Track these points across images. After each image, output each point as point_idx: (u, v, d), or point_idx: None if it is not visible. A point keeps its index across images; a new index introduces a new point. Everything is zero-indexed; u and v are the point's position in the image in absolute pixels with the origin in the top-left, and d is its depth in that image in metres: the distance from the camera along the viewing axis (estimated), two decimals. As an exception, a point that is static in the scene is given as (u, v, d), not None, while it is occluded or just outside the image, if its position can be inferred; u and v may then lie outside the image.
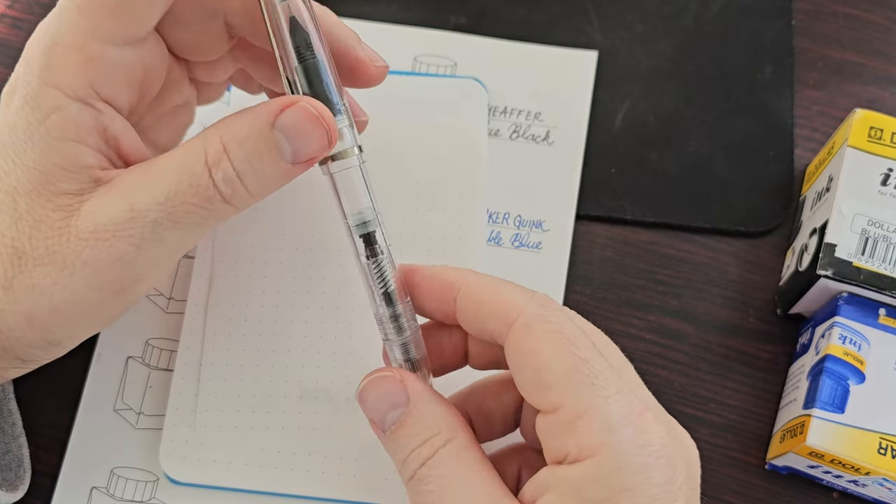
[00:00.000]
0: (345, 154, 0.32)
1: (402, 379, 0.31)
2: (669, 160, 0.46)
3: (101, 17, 0.31)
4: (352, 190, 0.32)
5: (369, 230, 0.32)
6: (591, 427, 0.28)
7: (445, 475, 0.30)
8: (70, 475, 0.39)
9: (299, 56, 0.31)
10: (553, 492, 0.28)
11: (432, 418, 0.31)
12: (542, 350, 0.29)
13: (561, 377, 0.28)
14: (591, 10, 0.49)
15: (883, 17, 0.49)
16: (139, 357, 0.41)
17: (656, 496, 0.27)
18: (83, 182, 0.31)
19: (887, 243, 0.38)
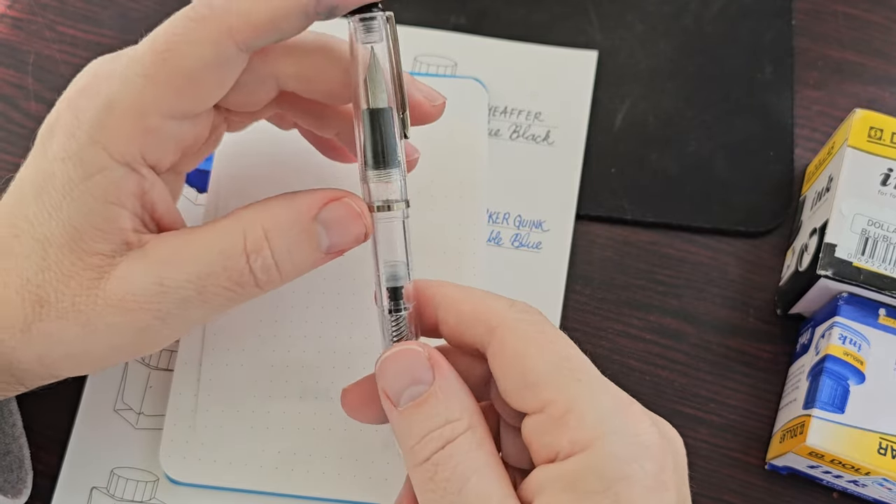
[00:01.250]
0: (393, 206, 0.32)
1: (430, 356, 0.30)
2: (669, 160, 0.46)
3: (166, 92, 0.31)
4: (391, 242, 0.32)
5: (398, 285, 0.32)
6: (583, 420, 0.28)
7: (465, 463, 0.28)
8: (70, 475, 0.39)
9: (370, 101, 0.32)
10: (548, 491, 0.28)
11: (457, 402, 0.29)
12: (526, 351, 0.29)
13: (547, 374, 0.28)
14: (591, 10, 0.49)
15: (883, 16, 0.49)
16: (139, 357, 0.41)
17: (650, 485, 0.27)
18: (116, 244, 0.31)
19: (887, 243, 0.38)
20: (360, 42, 0.32)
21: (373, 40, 0.32)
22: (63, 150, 0.31)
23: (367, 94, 0.31)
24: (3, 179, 0.34)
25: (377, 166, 0.32)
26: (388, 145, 0.32)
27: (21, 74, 0.47)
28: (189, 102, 0.31)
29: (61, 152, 0.31)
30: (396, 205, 0.32)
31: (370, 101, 0.31)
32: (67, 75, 0.46)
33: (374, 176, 0.32)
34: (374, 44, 0.31)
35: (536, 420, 0.29)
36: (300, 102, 0.36)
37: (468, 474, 0.28)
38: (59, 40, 0.47)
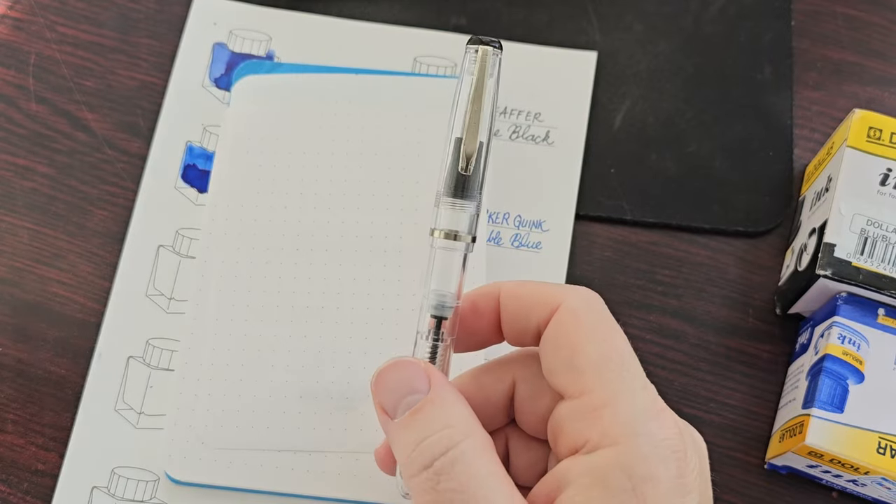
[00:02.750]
0: (457, 237, 0.31)
1: (425, 368, 0.30)
2: (669, 160, 0.46)
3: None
4: (447, 272, 0.32)
5: (444, 315, 0.31)
6: (617, 416, 0.28)
7: (469, 473, 0.28)
8: (71, 475, 0.39)
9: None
10: (575, 485, 0.28)
11: (454, 409, 0.29)
12: (580, 335, 0.29)
13: (594, 363, 0.29)
14: (591, 11, 0.49)
15: (882, 17, 0.49)
16: (140, 357, 0.41)
17: (673, 487, 0.27)
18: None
19: (886, 243, 0.38)
20: (469, 73, 0.31)
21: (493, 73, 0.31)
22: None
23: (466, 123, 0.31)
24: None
25: (455, 195, 0.31)
26: (475, 178, 0.31)
27: (22, 75, 0.47)
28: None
29: None
30: (463, 237, 0.32)
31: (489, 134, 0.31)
32: (68, 76, 0.47)
33: (450, 203, 0.31)
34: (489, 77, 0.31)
35: (572, 405, 0.29)
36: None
37: (474, 481, 0.27)
38: (59, 41, 0.47)
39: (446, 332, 0.32)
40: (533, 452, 0.33)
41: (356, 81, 0.45)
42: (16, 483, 0.40)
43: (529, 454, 0.33)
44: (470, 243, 0.32)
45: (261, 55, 0.47)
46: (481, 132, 0.31)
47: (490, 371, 0.33)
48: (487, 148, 0.32)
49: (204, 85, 0.46)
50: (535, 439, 0.32)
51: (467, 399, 0.31)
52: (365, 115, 0.44)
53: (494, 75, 0.31)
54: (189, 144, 0.45)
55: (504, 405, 0.33)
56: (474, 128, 0.31)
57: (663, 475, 0.27)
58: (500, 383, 0.32)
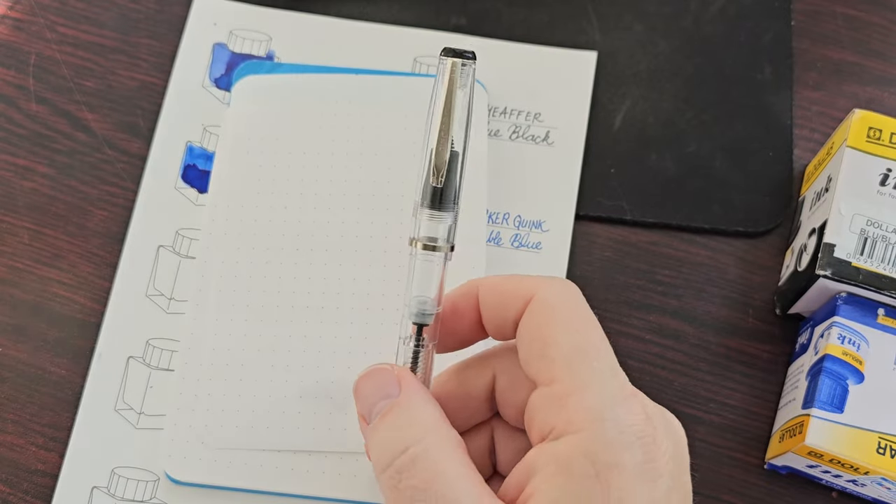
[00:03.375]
0: (436, 247, 0.32)
1: (397, 374, 0.31)
2: (669, 160, 0.46)
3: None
4: (427, 280, 0.32)
5: (424, 322, 0.32)
6: (583, 403, 0.28)
7: (430, 469, 0.28)
8: (71, 475, 0.40)
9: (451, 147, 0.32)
10: (540, 474, 0.28)
11: (420, 410, 0.30)
12: (552, 326, 0.30)
13: (564, 353, 0.29)
14: (591, 11, 0.49)
15: (882, 17, 0.49)
16: (140, 357, 0.41)
17: (640, 473, 0.28)
18: None
19: (886, 243, 0.38)
20: (442, 84, 0.32)
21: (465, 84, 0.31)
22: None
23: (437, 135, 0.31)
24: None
25: (432, 206, 0.32)
26: (448, 189, 0.32)
27: (22, 75, 0.47)
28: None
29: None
30: (441, 247, 0.32)
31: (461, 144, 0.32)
32: (68, 76, 0.47)
33: (427, 214, 0.32)
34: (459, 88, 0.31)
35: (542, 393, 0.29)
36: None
37: (433, 478, 0.28)
38: (60, 41, 0.47)
39: (427, 337, 0.32)
40: (517, 443, 0.33)
41: (356, 81, 0.45)
42: (16, 483, 0.40)
43: (514, 445, 0.33)
44: (448, 252, 0.32)
45: (261, 55, 0.47)
46: (454, 143, 0.31)
47: (471, 366, 0.33)
48: (463, 158, 0.32)
49: (204, 85, 0.46)
50: (519, 430, 0.33)
51: (449, 395, 0.32)
52: (365, 115, 0.44)
53: (467, 86, 0.31)
54: (189, 144, 0.45)
55: (486, 398, 0.33)
56: (444, 141, 0.31)
57: (628, 461, 0.27)
58: (480, 377, 0.33)
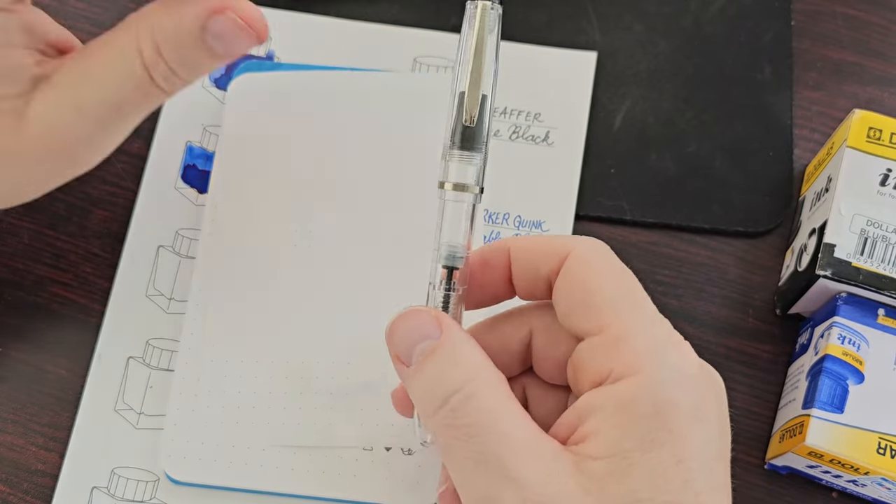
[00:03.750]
0: (466, 188, 0.32)
1: (436, 315, 0.30)
2: (669, 160, 0.46)
3: None
4: (456, 223, 0.33)
5: (455, 265, 0.32)
6: (637, 345, 0.29)
7: (484, 408, 0.28)
8: (71, 475, 0.40)
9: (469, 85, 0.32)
10: (598, 414, 0.28)
11: (465, 350, 0.30)
12: (591, 275, 0.30)
13: (609, 298, 0.29)
14: (591, 11, 0.49)
15: (882, 17, 0.49)
16: (140, 357, 0.41)
17: (694, 414, 0.28)
18: (23, 83, 0.33)
19: (886, 243, 0.38)
20: (472, 28, 0.32)
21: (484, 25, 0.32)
22: None
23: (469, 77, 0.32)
24: None
25: (462, 147, 0.32)
26: (479, 130, 0.32)
27: (22, 75, 0.47)
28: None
29: None
30: (470, 188, 0.33)
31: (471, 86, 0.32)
32: (68, 76, 0.47)
33: (457, 156, 0.32)
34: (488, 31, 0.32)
35: (591, 343, 0.30)
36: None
37: (489, 414, 0.28)
38: (59, 41, 0.47)
39: (458, 282, 0.32)
40: (551, 399, 0.33)
41: (355, 79, 0.45)
42: (16, 483, 0.40)
43: (548, 401, 0.33)
44: (478, 194, 0.33)
45: (261, 55, 0.47)
46: (484, 86, 0.32)
47: (507, 319, 0.34)
48: (492, 101, 0.32)
49: (204, 85, 0.46)
50: (554, 386, 0.33)
51: (483, 346, 0.31)
52: (364, 113, 0.44)
53: (494, 31, 0.32)
54: (189, 144, 0.45)
55: (520, 353, 0.33)
56: (476, 82, 0.32)
57: (684, 401, 0.28)
58: (517, 332, 0.33)
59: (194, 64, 0.34)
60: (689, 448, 0.27)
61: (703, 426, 0.28)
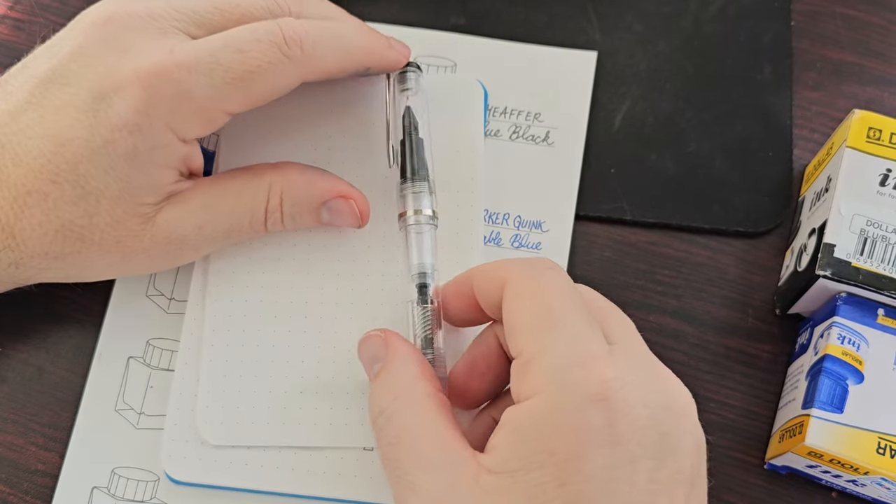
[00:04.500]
0: (420, 214, 0.40)
1: (385, 338, 0.35)
2: (669, 160, 0.46)
3: (240, 101, 0.36)
4: (419, 246, 0.39)
5: (426, 282, 0.38)
6: (540, 367, 0.30)
7: (400, 425, 0.32)
8: (71, 475, 0.40)
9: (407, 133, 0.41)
10: (501, 431, 0.30)
11: (400, 370, 0.34)
12: (517, 303, 0.32)
13: (525, 324, 0.31)
14: (591, 11, 0.49)
15: (881, 17, 0.49)
16: (140, 357, 0.41)
17: (596, 437, 0.28)
18: (162, 196, 0.37)
19: (886, 243, 0.38)
20: (400, 88, 0.42)
21: (409, 87, 0.42)
22: (131, 124, 0.35)
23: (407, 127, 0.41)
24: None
25: (412, 180, 0.40)
26: (422, 165, 0.40)
27: (22, 75, 0.47)
28: (252, 107, 0.37)
29: (128, 125, 0.35)
30: (425, 214, 0.40)
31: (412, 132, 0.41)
32: (68, 76, 0.47)
33: (409, 188, 0.40)
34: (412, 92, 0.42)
35: (514, 365, 0.31)
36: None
37: (404, 431, 0.32)
38: (59, 41, 0.47)
39: (432, 295, 0.38)
40: None
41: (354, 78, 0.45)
42: (16, 483, 0.40)
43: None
44: (432, 217, 0.40)
45: (261, 55, 0.47)
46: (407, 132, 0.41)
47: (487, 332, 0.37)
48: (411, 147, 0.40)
49: (204, 85, 0.46)
50: None
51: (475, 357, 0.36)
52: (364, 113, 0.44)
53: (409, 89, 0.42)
54: (189, 144, 0.45)
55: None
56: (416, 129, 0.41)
57: (581, 424, 0.28)
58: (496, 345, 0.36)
59: (300, 222, 0.40)
60: (581, 471, 0.28)
61: (609, 451, 0.28)
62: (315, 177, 0.40)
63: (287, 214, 0.39)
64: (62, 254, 0.37)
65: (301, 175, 0.40)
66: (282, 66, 0.36)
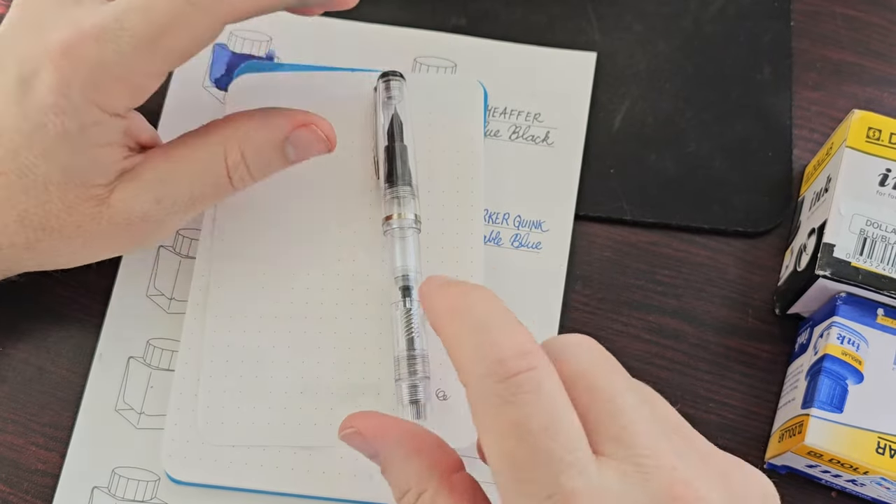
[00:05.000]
0: (403, 218, 0.40)
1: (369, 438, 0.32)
2: (668, 161, 0.46)
3: (159, 63, 0.34)
4: (403, 249, 0.40)
5: (408, 284, 0.39)
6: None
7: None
8: (71, 475, 0.40)
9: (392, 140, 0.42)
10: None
11: (403, 475, 0.30)
12: (481, 438, 0.27)
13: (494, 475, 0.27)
14: (591, 11, 0.49)
15: (881, 18, 0.49)
16: (140, 357, 0.41)
17: None
18: (112, 175, 0.36)
19: (885, 243, 0.38)
20: (385, 97, 0.43)
21: (393, 95, 0.43)
22: (55, 106, 0.34)
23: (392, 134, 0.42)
24: None
25: (396, 184, 0.41)
26: (406, 171, 0.41)
27: (22, 75, 0.47)
28: (176, 64, 0.35)
29: (52, 107, 0.34)
30: (408, 219, 0.40)
31: (396, 139, 0.42)
32: (68, 76, 0.47)
33: (393, 193, 0.41)
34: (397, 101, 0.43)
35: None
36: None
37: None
38: (60, 41, 0.47)
39: (415, 298, 0.39)
40: None
41: (355, 79, 0.45)
42: (16, 483, 0.40)
43: None
44: (415, 221, 0.41)
45: (261, 56, 0.47)
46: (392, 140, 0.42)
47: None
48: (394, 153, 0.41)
49: (204, 85, 0.46)
50: None
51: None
52: (364, 113, 0.44)
53: (394, 97, 0.43)
54: (189, 145, 0.45)
55: None
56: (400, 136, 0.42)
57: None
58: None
59: (269, 168, 0.38)
60: None
61: None
62: (268, 116, 0.38)
63: (252, 165, 0.37)
64: (28, 243, 0.36)
65: (253, 119, 0.37)
66: (190, 17, 0.33)
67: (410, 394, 0.38)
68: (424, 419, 0.37)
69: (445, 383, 0.39)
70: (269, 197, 0.43)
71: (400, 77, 0.43)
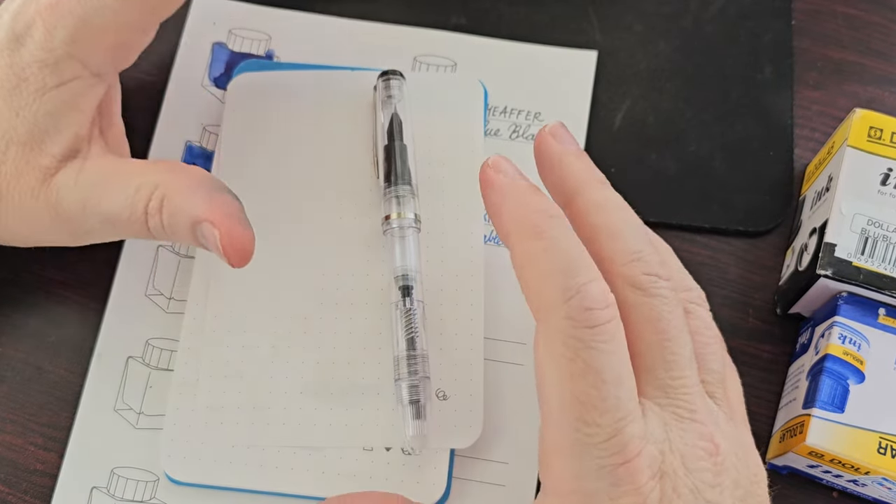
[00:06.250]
0: (403, 217, 0.40)
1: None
2: (669, 160, 0.46)
3: (142, 12, 0.34)
4: (403, 249, 0.40)
5: (409, 284, 0.39)
6: (563, 469, 0.28)
7: None
8: (70, 475, 0.39)
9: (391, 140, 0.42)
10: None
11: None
12: (547, 373, 0.29)
13: (552, 410, 0.28)
14: (591, 11, 0.49)
15: (882, 17, 0.49)
16: (139, 357, 0.41)
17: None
18: (67, 148, 0.35)
19: (887, 243, 0.38)
20: (384, 96, 0.43)
21: (393, 94, 0.43)
22: (38, 59, 0.34)
23: (392, 133, 0.42)
24: None
25: (396, 183, 0.41)
26: (405, 170, 0.41)
27: (21, 74, 0.47)
28: (161, 17, 0.35)
29: (37, 62, 0.34)
30: (408, 218, 0.40)
31: (396, 138, 0.42)
32: (67, 75, 0.46)
33: (392, 193, 0.40)
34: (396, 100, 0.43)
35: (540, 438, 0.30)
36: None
37: None
38: (59, 40, 0.47)
39: (413, 299, 0.39)
40: None
41: (355, 78, 0.45)
42: (15, 483, 0.40)
43: None
44: (415, 220, 0.40)
45: (260, 55, 0.47)
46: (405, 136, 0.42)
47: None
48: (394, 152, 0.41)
49: (203, 84, 0.46)
50: None
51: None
52: (364, 113, 0.44)
53: (393, 96, 0.43)
54: (188, 144, 0.45)
55: None
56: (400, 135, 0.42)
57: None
58: None
59: (180, 237, 0.36)
60: None
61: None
62: (200, 190, 0.35)
63: (167, 223, 0.35)
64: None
65: (187, 184, 0.35)
66: None
67: (410, 394, 0.37)
68: (424, 419, 0.37)
69: (445, 383, 0.39)
70: (269, 196, 0.43)
71: (400, 76, 0.43)
